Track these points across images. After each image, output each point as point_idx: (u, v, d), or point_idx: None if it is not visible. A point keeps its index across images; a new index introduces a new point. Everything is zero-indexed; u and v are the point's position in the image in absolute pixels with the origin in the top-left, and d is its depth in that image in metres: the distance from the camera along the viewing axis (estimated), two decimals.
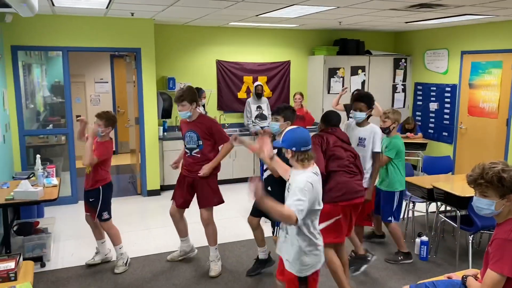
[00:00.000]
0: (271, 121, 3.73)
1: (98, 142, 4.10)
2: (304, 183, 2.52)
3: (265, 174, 3.72)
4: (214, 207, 4.22)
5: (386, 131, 4.37)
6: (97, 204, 4.12)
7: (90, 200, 4.16)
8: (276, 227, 3.66)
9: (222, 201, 4.21)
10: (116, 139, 9.53)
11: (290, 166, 2.76)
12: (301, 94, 6.85)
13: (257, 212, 3.85)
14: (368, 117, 4.21)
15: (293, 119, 3.64)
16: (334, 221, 3.47)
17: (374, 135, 4.05)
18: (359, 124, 4.18)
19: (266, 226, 4.16)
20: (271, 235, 3.88)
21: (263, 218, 4.03)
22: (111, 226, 4.23)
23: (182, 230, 4.41)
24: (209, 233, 4.23)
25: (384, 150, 4.30)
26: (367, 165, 4.07)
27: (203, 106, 6.90)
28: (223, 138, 4.08)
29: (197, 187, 4.14)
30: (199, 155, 4.07)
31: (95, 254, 4.42)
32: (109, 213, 4.19)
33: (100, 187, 4.12)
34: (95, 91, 9.67)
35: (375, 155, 4.08)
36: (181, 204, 4.25)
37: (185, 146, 4.16)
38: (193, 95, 4.01)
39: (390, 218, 4.40)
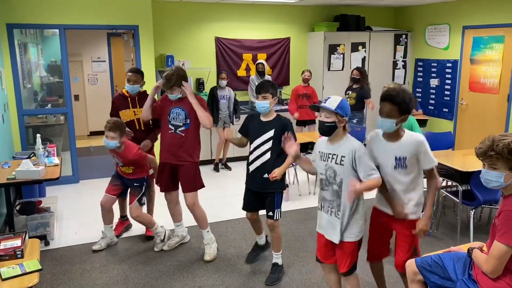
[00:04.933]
0: (259, 100, 3.42)
1: (125, 150, 4.02)
2: (362, 147, 2.74)
3: (258, 162, 3.55)
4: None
5: None
6: (141, 189, 4.19)
7: (135, 184, 4.17)
8: (276, 210, 3.55)
9: (203, 186, 4.10)
10: None
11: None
12: (310, 72, 6.82)
13: (251, 207, 3.76)
14: (400, 122, 2.72)
15: (277, 94, 3.52)
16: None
17: (419, 148, 2.72)
18: (390, 135, 2.77)
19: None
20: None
21: None
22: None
23: (176, 215, 4.30)
24: (197, 217, 4.10)
25: None
26: (408, 193, 2.80)
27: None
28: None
29: (180, 172, 3.98)
30: (183, 134, 3.90)
31: (101, 238, 4.35)
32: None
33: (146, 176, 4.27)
34: (92, 70, 9.57)
35: (429, 173, 2.81)
36: (166, 188, 4.13)
37: (169, 122, 3.93)
38: (182, 78, 3.85)
39: None
